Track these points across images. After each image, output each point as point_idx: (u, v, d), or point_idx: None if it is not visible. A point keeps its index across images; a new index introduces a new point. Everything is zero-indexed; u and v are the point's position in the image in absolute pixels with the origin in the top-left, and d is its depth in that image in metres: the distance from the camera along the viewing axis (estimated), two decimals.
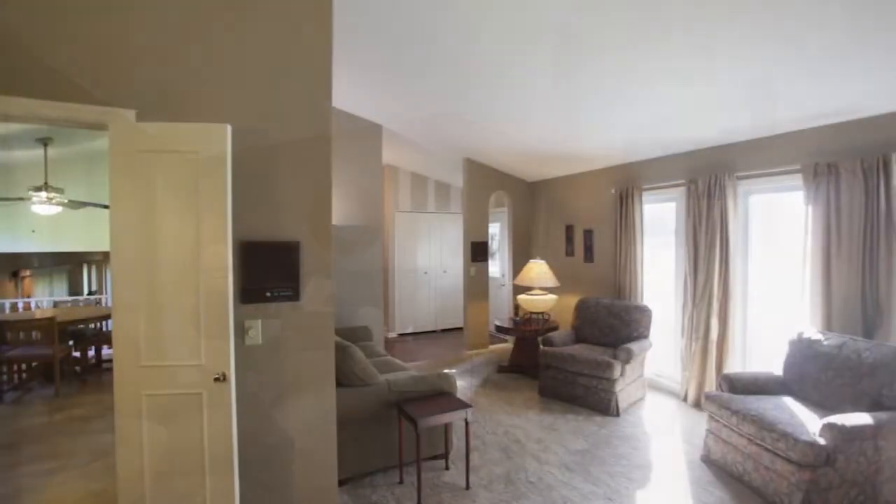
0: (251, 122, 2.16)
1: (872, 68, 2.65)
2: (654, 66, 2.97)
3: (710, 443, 3.22)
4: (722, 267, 4.08)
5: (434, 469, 3.15)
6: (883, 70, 2.66)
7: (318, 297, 2.29)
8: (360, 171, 5.33)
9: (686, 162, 4.53)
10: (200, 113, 2.06)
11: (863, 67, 2.65)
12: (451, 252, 7.98)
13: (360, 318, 5.28)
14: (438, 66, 3.45)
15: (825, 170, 3.37)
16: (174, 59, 2.03)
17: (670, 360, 4.76)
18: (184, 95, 2.05)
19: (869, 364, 2.77)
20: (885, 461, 2.55)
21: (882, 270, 3.10)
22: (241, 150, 2.12)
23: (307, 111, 2.26)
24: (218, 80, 2.11)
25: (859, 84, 2.85)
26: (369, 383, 3.03)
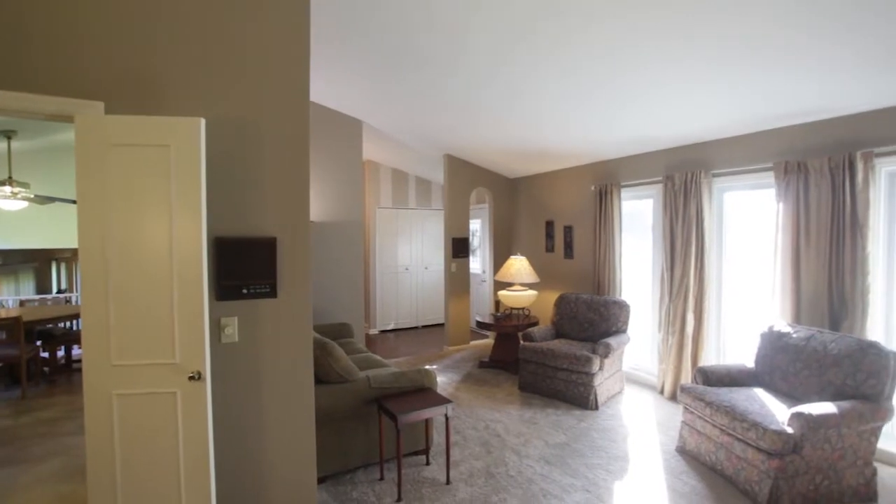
0: (227, 116, 2.12)
1: (838, 71, 2.73)
2: (632, 67, 3.00)
3: (685, 434, 3.29)
4: (698, 262, 4.18)
5: (415, 465, 3.15)
6: (848, 74, 2.74)
7: (296, 293, 2.26)
8: (341, 167, 5.28)
9: (663, 159, 4.61)
10: (173, 106, 2.01)
11: (830, 70, 2.73)
12: (433, 248, 7.98)
13: (341, 315, 5.25)
14: (420, 63, 3.43)
15: (795, 168, 3.47)
16: (144, 51, 1.98)
17: (648, 353, 4.86)
18: (155, 88, 1.99)
19: (834, 355, 2.87)
20: (848, 447, 2.65)
21: (847, 266, 3.21)
22: (215, 145, 2.07)
23: (284, 105, 2.22)
24: (191, 73, 2.06)
25: (826, 86, 2.94)
26: (349, 380, 3.01)
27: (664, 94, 3.39)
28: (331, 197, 5.23)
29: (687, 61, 2.87)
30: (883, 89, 2.91)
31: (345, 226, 5.31)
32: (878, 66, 2.64)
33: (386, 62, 3.55)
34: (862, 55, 2.56)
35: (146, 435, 1.86)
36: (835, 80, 2.86)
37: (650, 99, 3.52)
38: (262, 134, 2.19)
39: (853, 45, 2.46)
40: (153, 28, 1.99)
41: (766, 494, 2.59)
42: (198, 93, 2.07)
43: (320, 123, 5.05)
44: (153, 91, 1.99)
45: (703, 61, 2.85)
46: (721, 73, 2.96)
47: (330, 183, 5.21)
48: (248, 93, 2.16)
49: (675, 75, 3.08)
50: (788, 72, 2.83)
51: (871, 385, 2.71)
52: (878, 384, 2.70)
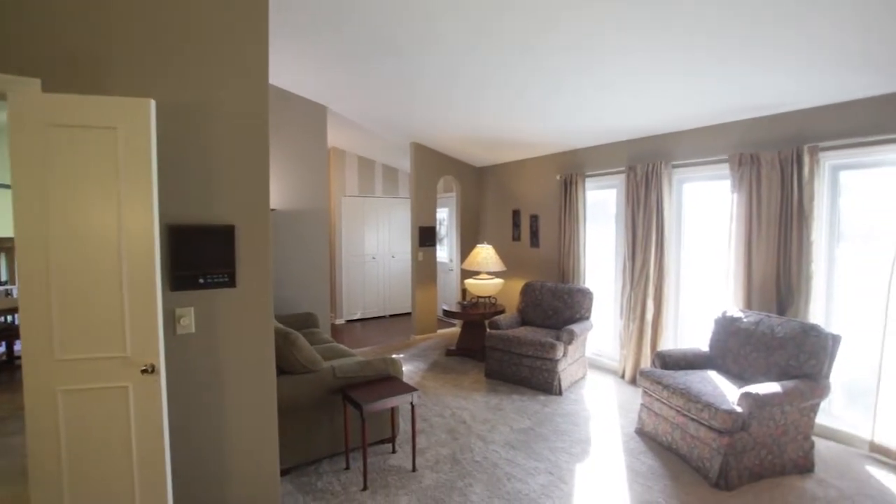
0: (180, 98, 2.02)
1: (788, 69, 2.85)
2: (597, 60, 3.03)
3: (644, 416, 3.42)
4: (658, 251, 4.31)
5: (381, 453, 3.15)
6: (796, 71, 2.86)
7: (255, 283, 2.19)
8: (304, 154, 5.14)
9: (626, 150, 4.71)
10: (121, 86, 1.90)
11: (780, 68, 2.84)
12: (400, 237, 7.93)
13: (306, 305, 5.16)
14: (386, 49, 3.36)
15: (748, 160, 3.61)
16: (87, 25, 1.85)
17: (610, 339, 5.00)
18: (100, 66, 1.87)
19: (780, 338, 3.04)
20: (790, 423, 2.82)
21: (793, 254, 3.38)
22: (168, 128, 1.97)
23: (242, 87, 2.13)
24: (141, 52, 1.94)
25: (777, 82, 3.06)
26: (313, 370, 2.97)
27: (627, 86, 3.45)
28: (294, 184, 5.09)
29: (648, 55, 2.93)
30: (827, 87, 3.06)
31: (309, 214, 5.19)
32: (823, 65, 2.77)
33: (351, 47, 3.46)
34: (809, 55, 2.67)
35: (95, 432, 1.77)
36: (785, 77, 2.98)
37: (614, 91, 3.58)
38: (218, 118, 2.09)
39: (801, 45, 2.57)
40: (98, 10, 1.86)
41: (717, 470, 2.72)
42: (148, 73, 1.96)
43: (282, 108, 4.90)
44: (98, 70, 1.87)
45: (662, 56, 2.91)
46: (679, 67, 3.03)
47: (293, 170, 5.08)
48: (202, 74, 2.06)
49: (637, 69, 3.14)
50: (743, 68, 2.92)
51: (812, 365, 2.88)
52: (818, 364, 2.88)
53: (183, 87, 2.03)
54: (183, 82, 2.03)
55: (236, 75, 2.12)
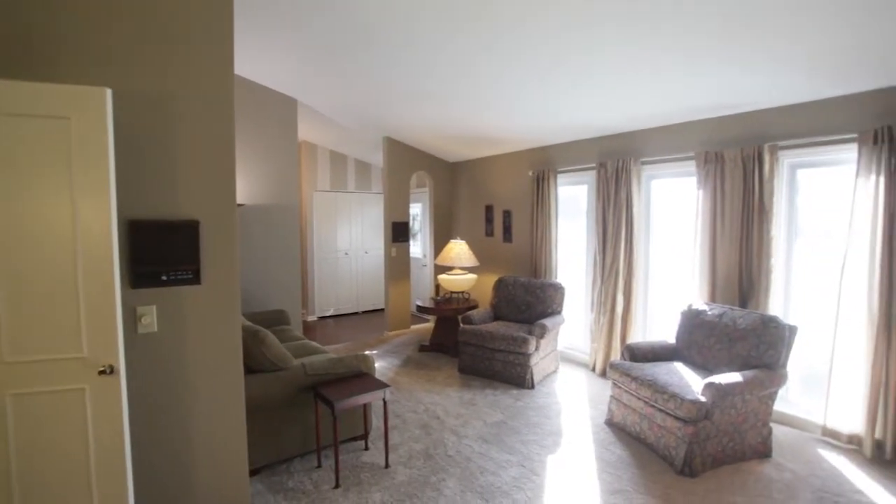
0: (140, 88, 1.93)
1: (750, 72, 2.94)
2: (569, 57, 3.06)
3: (613, 407, 3.50)
4: (627, 246, 4.40)
5: (353, 450, 3.13)
6: (757, 74, 2.96)
7: (222, 279, 2.13)
8: (274, 148, 5.02)
9: (597, 147, 4.78)
10: (74, 73, 1.80)
11: (743, 69, 2.93)
12: (373, 233, 7.86)
13: (276, 302, 5.06)
14: (358, 42, 3.30)
15: (713, 158, 3.72)
16: (34, 7, 1.75)
17: (581, 333, 5.09)
18: (50, 53, 1.77)
19: (742, 330, 3.15)
20: (750, 411, 2.94)
21: (755, 249, 3.51)
22: (127, 119, 1.89)
23: (206, 77, 2.06)
24: (95, 38, 1.85)
25: (740, 84, 3.16)
26: (283, 368, 2.91)
27: (596, 84, 3.50)
28: (264, 179, 4.97)
29: (616, 55, 2.98)
30: (786, 89, 3.18)
31: (280, 209, 5.08)
32: (782, 69, 2.88)
33: (322, 39, 3.39)
34: (769, 59, 2.77)
35: (49, 438, 1.69)
36: (747, 78, 3.08)
37: (583, 89, 3.62)
38: (181, 109, 2.02)
39: (762, 50, 2.65)
40: None
41: (682, 458, 2.81)
42: (104, 60, 1.86)
43: (251, 101, 4.77)
44: (47, 56, 1.77)
45: (631, 56, 2.96)
46: (647, 67, 3.09)
47: (263, 164, 4.96)
48: (163, 63, 1.98)
49: (605, 68, 3.18)
50: (707, 69, 3.00)
51: (771, 355, 3.00)
52: (776, 354, 3.00)
53: (143, 76, 1.94)
54: (143, 71, 1.94)
55: (200, 64, 2.05)
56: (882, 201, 2.90)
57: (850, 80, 2.96)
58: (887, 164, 2.87)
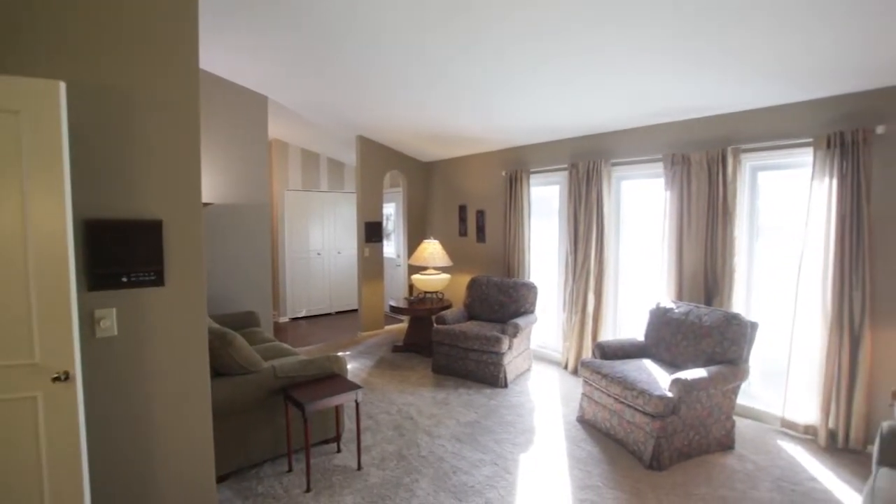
0: (98, 82, 1.85)
1: (715, 77, 3.04)
2: (542, 60, 3.09)
3: (585, 404, 3.55)
4: (598, 246, 4.48)
5: (325, 453, 3.08)
6: (722, 79, 3.06)
7: (187, 280, 2.07)
8: (244, 146, 4.90)
9: (569, 147, 4.85)
10: (24, 64, 1.71)
11: (708, 75, 3.02)
12: (346, 232, 7.77)
13: (246, 303, 4.95)
14: (330, 39, 3.25)
15: (680, 160, 3.83)
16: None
17: (554, 332, 5.16)
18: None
19: (707, 327, 3.25)
20: (715, 405, 3.04)
21: (719, 249, 3.62)
22: (84, 115, 1.81)
23: (169, 71, 1.99)
24: (48, 30, 1.76)
25: (706, 88, 3.25)
26: (252, 371, 2.85)
27: (567, 87, 3.55)
28: (233, 177, 4.85)
29: (586, 58, 3.03)
30: (748, 94, 3.29)
31: (250, 208, 4.97)
32: (744, 75, 2.98)
33: (293, 35, 3.32)
34: (731, 65, 2.86)
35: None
36: (712, 83, 3.17)
37: (554, 91, 3.67)
38: (142, 104, 1.94)
39: (724, 56, 2.74)
40: None
41: (650, 452, 2.88)
42: (57, 52, 1.78)
43: (219, 98, 4.64)
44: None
45: (599, 59, 3.02)
46: (616, 70, 3.15)
47: (232, 162, 4.83)
48: (123, 55, 1.90)
49: (575, 71, 3.23)
50: (674, 73, 3.08)
51: (734, 351, 3.11)
52: (739, 349, 3.11)
53: (100, 69, 1.86)
54: (100, 64, 1.86)
55: (163, 57, 1.98)
56: (835, 203, 3.04)
57: (807, 88, 3.09)
58: (839, 168, 3.01)
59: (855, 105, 3.05)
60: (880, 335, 3.00)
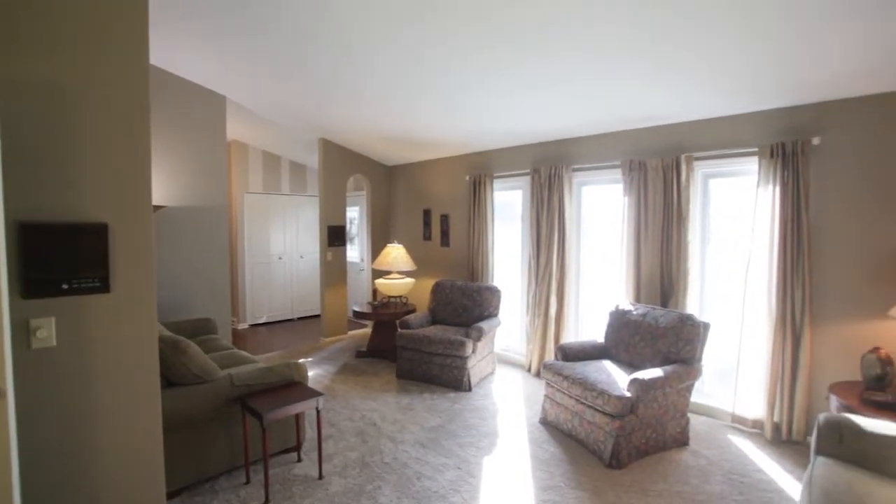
0: (34, 76, 1.74)
1: (669, 88, 3.17)
2: (504, 66, 3.13)
3: (547, 406, 3.60)
4: (560, 250, 4.57)
5: (285, 463, 3.00)
6: (675, 90, 3.19)
7: (135, 286, 1.96)
8: (200, 147, 4.73)
9: (531, 153, 4.94)
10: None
11: (662, 86, 3.14)
12: (308, 236, 7.62)
13: (203, 310, 4.76)
14: (292, 38, 3.18)
15: (637, 166, 3.96)
16: None
17: (517, 335, 5.21)
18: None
19: (663, 327, 3.36)
20: (670, 404, 3.14)
21: (674, 252, 3.76)
22: (17, 109, 1.69)
23: (115, 64, 1.89)
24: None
25: (661, 98, 3.39)
26: (207, 380, 2.74)
27: (527, 93, 3.61)
28: (189, 179, 4.67)
29: (543, 67, 3.10)
30: (700, 105, 3.46)
31: (207, 211, 4.79)
32: (695, 86, 3.13)
33: (252, 35, 3.23)
34: (684, 77, 2.99)
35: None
36: (667, 93, 3.31)
37: (514, 98, 3.73)
38: (85, 100, 1.84)
39: (677, 69, 2.86)
40: None
41: (610, 451, 2.95)
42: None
43: (174, 96, 4.46)
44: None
45: (557, 69, 3.10)
46: (575, 78, 3.23)
47: (188, 164, 4.65)
48: (63, 47, 1.79)
49: (534, 79, 3.30)
50: (631, 83, 3.19)
51: (688, 350, 3.23)
52: (693, 349, 3.23)
53: (37, 61, 1.75)
54: (38, 57, 1.75)
55: (108, 50, 1.88)
56: (777, 210, 3.22)
57: (754, 100, 3.27)
58: (781, 176, 3.20)
59: (795, 118, 3.24)
60: (818, 333, 3.19)
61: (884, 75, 2.73)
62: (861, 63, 2.63)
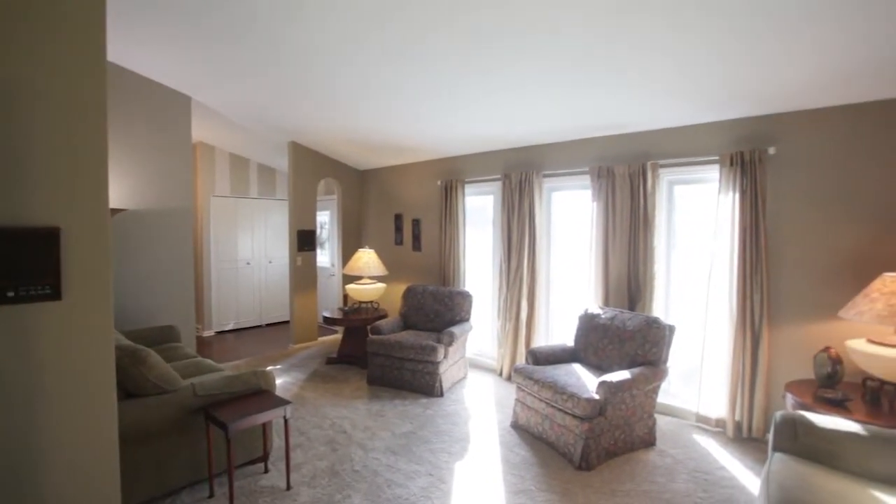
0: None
1: (635, 97, 3.26)
2: (476, 71, 3.15)
3: (518, 410, 3.62)
4: (530, 255, 4.62)
5: (252, 474, 2.91)
6: (641, 99, 3.29)
7: (90, 294, 1.87)
8: (164, 148, 4.57)
9: (502, 159, 4.98)
10: None
11: (628, 95, 3.23)
12: (278, 241, 7.47)
13: (166, 317, 4.59)
14: (259, 38, 3.11)
15: (605, 172, 4.05)
16: None
17: (489, 339, 5.23)
18: None
19: (630, 330, 3.44)
20: (638, 405, 3.21)
21: (641, 257, 3.86)
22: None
23: (68, 60, 1.80)
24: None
25: (628, 107, 3.49)
26: (169, 390, 2.64)
27: (497, 101, 3.66)
28: (151, 181, 4.51)
29: (513, 75, 3.15)
30: (664, 114, 3.56)
31: (170, 214, 4.63)
32: (660, 96, 3.23)
33: (219, 36, 3.15)
34: (649, 86, 3.09)
35: None
36: (634, 102, 3.40)
37: (483, 105, 3.77)
38: (34, 97, 1.75)
39: (643, 78, 2.95)
40: None
41: (580, 453, 2.98)
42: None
43: (136, 96, 4.31)
44: None
45: (527, 76, 3.15)
46: (543, 86, 3.29)
47: (150, 165, 4.49)
48: (11, 41, 1.71)
49: (506, 83, 3.33)
50: (598, 91, 3.27)
51: (655, 353, 3.31)
52: (658, 351, 3.31)
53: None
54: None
55: (62, 45, 1.79)
56: (737, 216, 3.35)
57: (715, 110, 3.40)
58: (740, 184, 3.33)
59: (753, 128, 3.39)
60: (776, 334, 3.33)
61: (832, 90, 2.89)
62: (812, 79, 2.77)
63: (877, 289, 2.60)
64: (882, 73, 2.61)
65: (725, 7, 2.20)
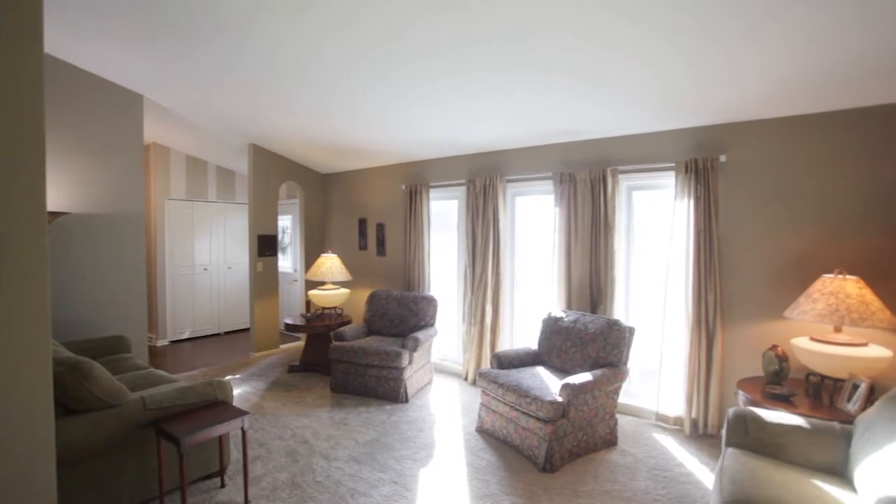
0: None
1: (597, 104, 3.34)
2: (440, 75, 3.14)
3: (483, 414, 3.62)
4: (495, 259, 4.64)
5: (207, 490, 2.78)
6: (602, 106, 3.37)
7: (22, 304, 1.74)
8: (113, 149, 4.35)
9: (467, 164, 5.01)
10: None
11: (589, 102, 3.31)
12: (238, 246, 7.23)
13: (115, 327, 4.35)
14: (214, 38, 3.00)
15: (567, 178, 4.12)
16: None
17: (454, 344, 5.23)
18: None
19: (592, 333, 3.50)
20: (600, 406, 3.27)
21: (602, 260, 3.95)
22: None
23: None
24: None
25: (589, 114, 3.56)
26: (115, 404, 2.48)
27: (460, 105, 3.67)
28: (99, 184, 4.28)
29: (476, 80, 3.16)
30: (623, 121, 3.67)
31: (120, 218, 4.40)
32: (620, 104, 3.31)
33: (172, 32, 3.02)
34: (609, 94, 3.17)
35: None
36: (594, 108, 3.48)
37: (447, 109, 3.77)
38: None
39: (603, 86, 3.03)
40: None
41: (543, 456, 3.01)
42: None
43: (82, 93, 4.08)
44: None
45: (489, 81, 3.16)
46: (505, 92, 3.32)
47: (97, 167, 4.26)
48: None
49: (468, 90, 3.35)
50: (562, 97, 3.33)
51: (615, 354, 3.38)
52: (619, 353, 3.39)
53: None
54: None
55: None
56: (692, 221, 3.48)
57: (671, 118, 3.52)
58: (694, 190, 3.46)
59: (705, 136, 3.53)
60: (729, 334, 3.47)
61: (780, 102, 3.05)
62: (758, 91, 2.92)
63: (817, 289, 2.75)
64: (820, 88, 2.78)
65: (676, 28, 2.29)
